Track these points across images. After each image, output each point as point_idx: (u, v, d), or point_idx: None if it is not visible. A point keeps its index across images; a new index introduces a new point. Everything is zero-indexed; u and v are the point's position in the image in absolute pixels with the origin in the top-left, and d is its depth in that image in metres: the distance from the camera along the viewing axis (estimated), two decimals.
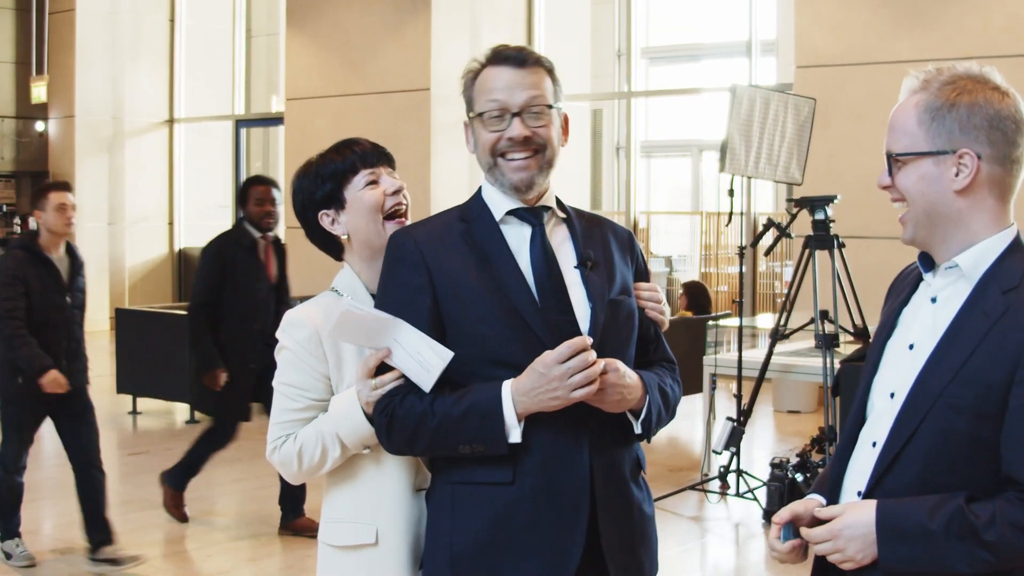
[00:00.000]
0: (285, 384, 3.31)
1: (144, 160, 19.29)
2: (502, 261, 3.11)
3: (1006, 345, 2.56)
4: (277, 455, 3.30)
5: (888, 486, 2.66)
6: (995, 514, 2.50)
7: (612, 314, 3.14)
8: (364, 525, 3.27)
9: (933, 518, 2.54)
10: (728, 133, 8.37)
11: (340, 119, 15.72)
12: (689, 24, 22.60)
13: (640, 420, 3.12)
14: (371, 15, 15.55)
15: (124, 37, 19.00)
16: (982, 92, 2.66)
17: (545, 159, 3.14)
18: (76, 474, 7.52)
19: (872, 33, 11.71)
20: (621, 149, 17.05)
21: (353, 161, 3.41)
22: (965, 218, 2.67)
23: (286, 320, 3.36)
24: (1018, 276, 2.63)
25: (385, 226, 3.37)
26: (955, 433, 2.58)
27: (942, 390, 2.60)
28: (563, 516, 3.02)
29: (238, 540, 8.12)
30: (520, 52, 3.17)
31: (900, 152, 2.70)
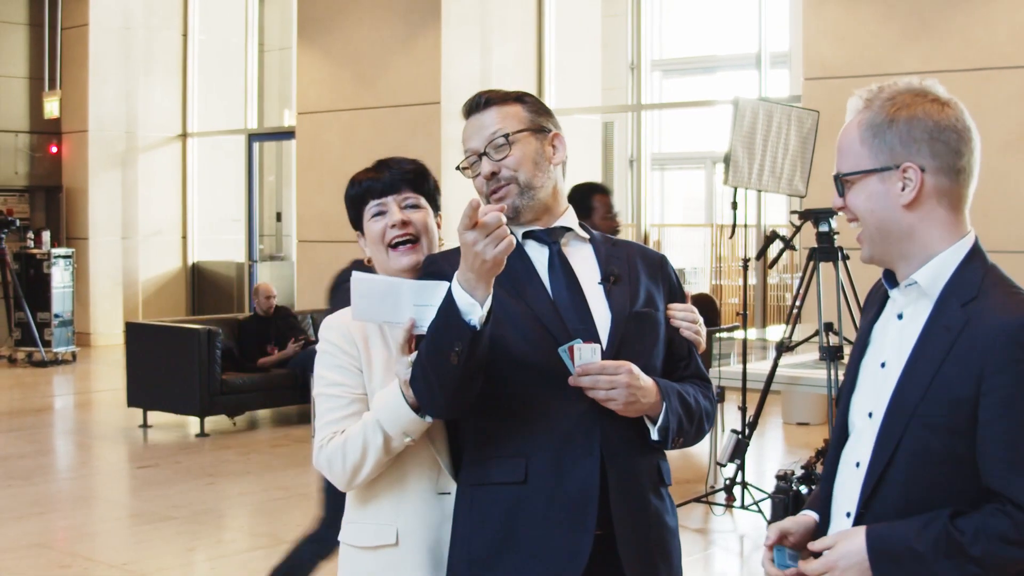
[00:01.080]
0: (328, 384, 3.34)
1: (157, 174, 19.35)
2: (524, 277, 3.21)
3: (970, 359, 2.56)
4: (323, 454, 3.28)
5: (876, 508, 2.68)
6: (978, 528, 2.52)
7: (634, 326, 3.20)
8: (385, 526, 3.30)
9: (920, 539, 2.55)
10: (731, 145, 8.39)
11: (351, 133, 15.76)
12: (704, 36, 22.59)
13: (657, 426, 3.15)
14: (382, 29, 15.60)
15: (137, 52, 19.07)
16: (921, 105, 2.68)
17: (520, 185, 3.24)
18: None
19: (879, 44, 11.72)
20: (633, 161, 17.06)
21: (363, 193, 3.49)
22: (917, 232, 2.68)
23: (323, 326, 3.42)
24: (976, 287, 2.64)
25: (390, 255, 3.43)
26: (932, 452, 2.60)
27: (914, 410, 2.62)
28: (571, 516, 3.07)
29: (246, 552, 8.16)
30: (479, 97, 3.35)
31: (847, 172, 2.73)
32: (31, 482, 9.97)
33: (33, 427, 12.59)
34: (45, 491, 9.74)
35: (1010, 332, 2.53)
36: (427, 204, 3.50)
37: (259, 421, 12.67)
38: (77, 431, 12.82)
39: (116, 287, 18.92)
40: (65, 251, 17.57)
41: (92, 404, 14.58)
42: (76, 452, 11.87)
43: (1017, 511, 2.51)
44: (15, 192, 18.96)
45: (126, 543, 8.34)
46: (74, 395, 15.35)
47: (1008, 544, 2.51)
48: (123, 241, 19.04)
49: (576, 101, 16.16)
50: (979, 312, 2.60)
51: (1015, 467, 2.52)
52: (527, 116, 3.29)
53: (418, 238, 3.44)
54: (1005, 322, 2.55)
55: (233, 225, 19.54)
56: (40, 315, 17.01)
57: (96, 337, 18.65)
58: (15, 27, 18.97)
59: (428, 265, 3.30)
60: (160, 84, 19.37)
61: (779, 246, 8.55)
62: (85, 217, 18.77)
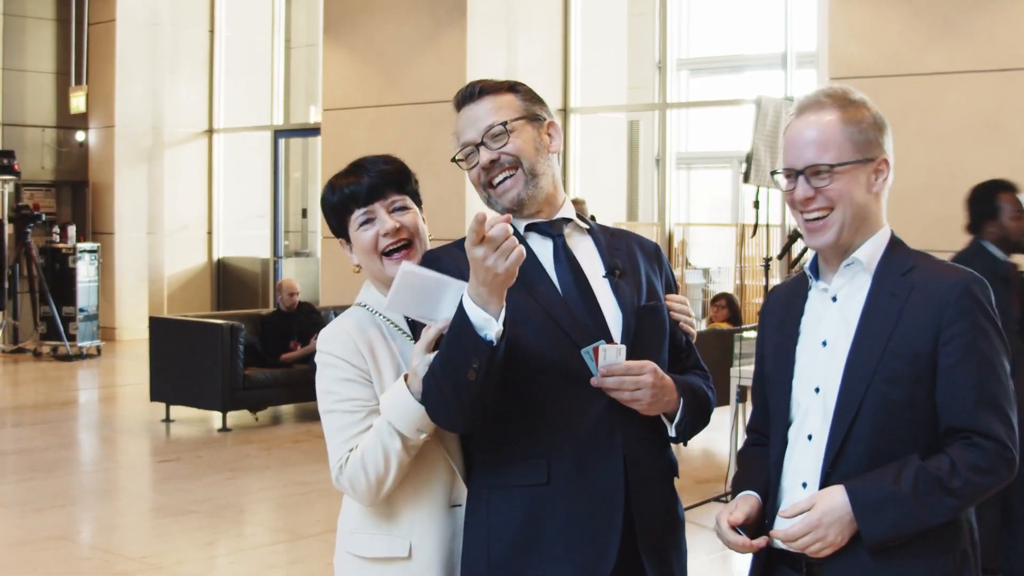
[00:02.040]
0: (339, 400, 3.24)
1: (183, 170, 19.41)
2: (531, 270, 3.14)
3: (923, 317, 2.90)
4: (344, 474, 3.18)
5: (842, 469, 2.91)
6: (953, 463, 2.82)
7: (643, 321, 3.19)
8: (398, 538, 3.24)
9: (899, 482, 2.81)
10: (753, 144, 8.38)
11: (376, 129, 15.77)
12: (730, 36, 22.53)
13: (675, 423, 3.16)
14: (407, 26, 15.61)
15: (164, 48, 19.14)
16: (872, 107, 3.04)
17: (524, 172, 3.20)
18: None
19: (905, 44, 11.67)
20: (659, 160, 17.02)
21: (346, 201, 3.36)
22: (875, 217, 3.04)
23: (322, 338, 3.32)
24: (909, 260, 3.01)
25: (384, 263, 3.33)
26: (894, 403, 2.89)
27: (875, 368, 2.90)
28: (598, 516, 3.05)
29: (266, 547, 8.17)
30: (470, 88, 3.29)
31: (835, 163, 2.97)
32: (54, 475, 10.01)
33: (57, 420, 12.64)
34: (67, 484, 9.78)
35: (962, 287, 2.89)
36: (413, 203, 3.41)
37: (281, 416, 12.70)
38: (100, 425, 12.87)
39: (141, 282, 18.98)
40: (91, 246, 17.63)
41: (116, 398, 14.63)
42: (99, 446, 11.91)
43: (985, 440, 2.83)
44: (42, 187, 19.03)
45: (146, 536, 8.36)
46: (98, 389, 15.40)
47: (982, 473, 2.82)
48: (149, 236, 19.09)
49: (602, 100, 16.14)
50: (923, 278, 2.95)
51: (980, 403, 2.85)
52: (521, 105, 3.26)
53: (412, 241, 3.35)
54: (954, 281, 2.91)
55: (258, 221, 19.58)
56: (65, 309, 17.08)
57: (121, 332, 18.71)
58: (43, 23, 19.04)
59: (428, 262, 3.22)
60: (187, 80, 19.43)
61: (802, 245, 8.52)
62: (111, 212, 18.83)
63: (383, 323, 3.33)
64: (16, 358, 17.18)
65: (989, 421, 2.85)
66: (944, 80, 11.37)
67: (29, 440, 11.50)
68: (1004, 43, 11.19)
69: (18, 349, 17.54)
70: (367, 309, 3.37)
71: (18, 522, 8.55)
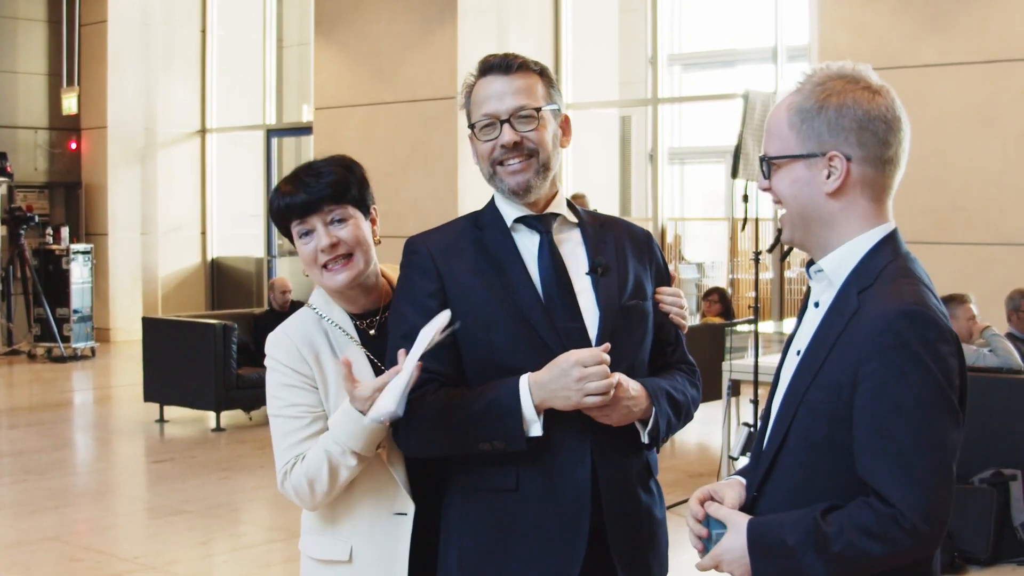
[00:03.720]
0: (284, 406, 3.25)
1: (176, 170, 19.40)
2: (512, 268, 3.14)
3: (851, 346, 2.54)
4: (289, 482, 3.21)
5: (767, 493, 2.68)
6: (844, 523, 2.48)
7: (622, 320, 3.16)
8: (340, 542, 3.28)
9: (793, 532, 2.51)
10: (741, 138, 8.38)
11: (368, 128, 15.77)
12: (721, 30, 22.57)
13: (647, 430, 3.14)
14: (399, 24, 15.61)
15: (156, 48, 19.12)
16: (852, 93, 2.62)
17: (539, 163, 3.16)
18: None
19: (896, 37, 11.68)
20: (652, 156, 17.03)
21: (281, 213, 3.32)
22: (837, 220, 2.64)
23: (268, 341, 3.34)
24: (874, 275, 2.60)
25: (323, 274, 3.29)
26: (816, 439, 2.58)
27: (803, 396, 2.60)
28: (565, 522, 3.05)
29: (259, 546, 8.17)
30: (505, 59, 3.21)
31: (773, 155, 2.68)
32: (47, 476, 10.00)
33: (50, 422, 12.63)
34: (61, 485, 9.77)
35: (887, 319, 2.49)
36: (355, 211, 3.31)
37: None
38: (94, 426, 12.86)
39: (135, 283, 18.97)
40: (84, 247, 17.62)
41: (110, 399, 14.62)
42: (93, 447, 11.91)
43: (880, 503, 2.46)
44: (34, 188, 18.99)
45: (140, 537, 8.36)
46: (92, 390, 15.40)
47: (870, 538, 2.45)
48: (142, 237, 19.08)
49: (593, 95, 16.15)
50: (869, 299, 2.56)
51: (881, 456, 2.47)
52: (546, 93, 3.22)
53: (351, 254, 3.28)
54: (884, 310, 2.50)
55: (252, 221, 19.58)
56: (59, 311, 17.07)
57: (115, 332, 18.69)
58: (34, 24, 19.01)
59: (410, 246, 3.22)
60: (179, 80, 19.42)
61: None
62: (104, 213, 18.82)
63: (330, 327, 3.33)
64: (10, 360, 17.17)
65: (887, 480, 2.46)
66: (935, 72, 11.38)
67: (23, 442, 11.49)
68: (994, 35, 11.20)
69: (12, 351, 17.53)
70: (315, 312, 3.36)
71: (12, 523, 8.55)
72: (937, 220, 11.22)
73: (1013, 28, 11.16)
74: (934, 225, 11.16)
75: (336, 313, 3.36)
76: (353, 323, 3.35)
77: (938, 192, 11.18)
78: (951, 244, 11.14)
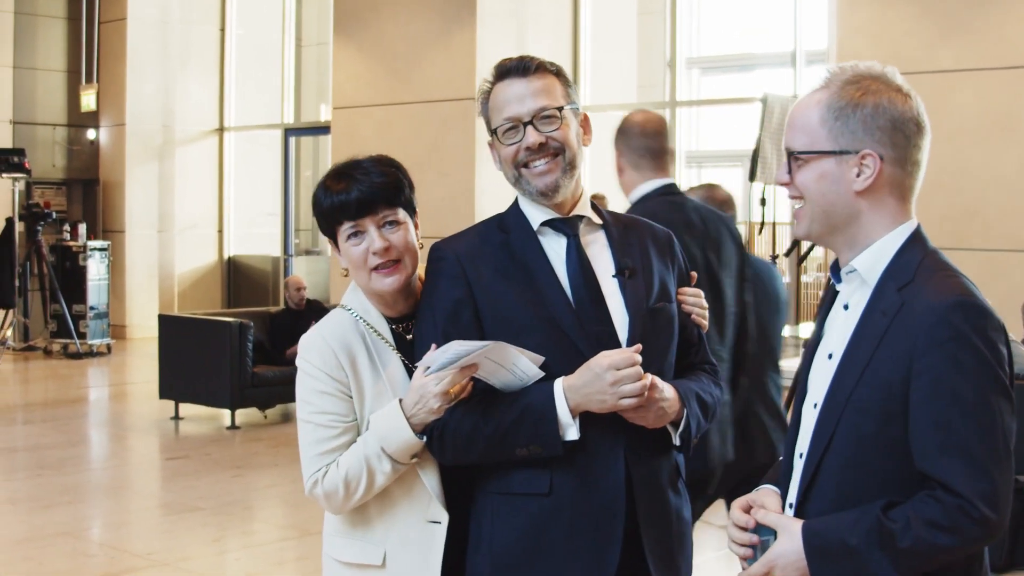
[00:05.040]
0: (315, 412, 3.21)
1: (194, 168, 19.42)
2: (541, 272, 3.14)
3: (901, 341, 2.54)
4: (320, 488, 3.17)
5: (814, 497, 2.66)
6: (910, 517, 2.48)
7: (651, 323, 3.16)
8: (373, 545, 3.24)
9: (854, 532, 2.51)
10: (759, 142, 8.37)
11: (386, 128, 15.76)
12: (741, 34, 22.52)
13: (679, 432, 3.15)
14: (417, 25, 15.60)
15: (175, 46, 19.14)
16: (886, 93, 2.63)
17: (566, 161, 3.16)
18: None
19: (914, 42, 11.64)
20: None
21: (334, 211, 3.24)
22: (863, 218, 2.66)
23: (301, 346, 3.28)
24: (912, 270, 2.61)
25: (372, 277, 3.24)
26: (866, 436, 2.58)
27: (849, 396, 2.60)
28: (600, 527, 3.05)
29: (272, 543, 8.17)
30: (522, 61, 3.21)
31: (801, 150, 2.68)
32: (62, 472, 10.02)
33: (66, 418, 12.66)
34: (75, 481, 9.79)
35: (939, 312, 2.51)
36: (405, 215, 3.28)
37: (290, 414, 12.68)
38: (109, 422, 12.88)
39: (152, 280, 18.99)
40: (101, 244, 17.65)
41: (125, 396, 14.64)
42: (108, 443, 11.92)
43: (947, 495, 2.47)
44: (52, 185, 19.03)
45: (154, 533, 8.37)
46: (108, 387, 15.42)
47: (939, 530, 2.46)
48: (159, 234, 19.11)
49: (611, 98, 16.12)
50: (913, 295, 2.57)
51: (944, 448, 2.48)
52: (565, 92, 3.22)
53: (400, 260, 3.23)
54: (935, 303, 2.52)
55: (269, 219, 19.58)
56: (76, 307, 17.10)
57: (131, 329, 18.71)
58: (53, 21, 19.06)
59: (436, 252, 3.22)
60: (197, 78, 19.44)
61: (810, 242, 8.52)
62: (122, 210, 18.85)
63: (366, 330, 3.28)
64: (27, 356, 17.20)
65: (953, 471, 2.47)
66: (953, 78, 11.34)
67: (39, 437, 11.52)
68: (1014, 40, 11.15)
69: (28, 347, 17.55)
70: (351, 314, 3.31)
71: (26, 518, 8.56)
72: (954, 226, 11.17)
73: None
74: (951, 231, 11.11)
75: (373, 316, 3.31)
76: (389, 327, 3.31)
77: (955, 198, 11.14)
78: (967, 250, 11.10)
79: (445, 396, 3.02)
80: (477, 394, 3.08)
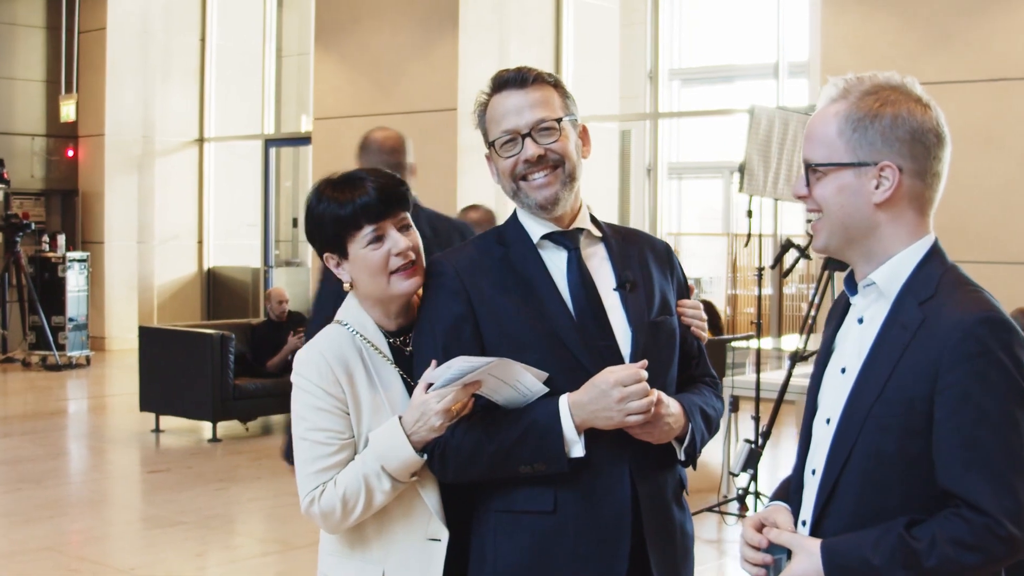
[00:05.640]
0: (311, 429, 3.14)
1: (174, 179, 19.34)
2: (542, 286, 3.11)
3: (925, 357, 2.49)
4: (317, 506, 3.10)
5: (831, 515, 2.61)
6: (935, 535, 2.43)
7: (653, 337, 3.13)
8: (370, 564, 3.18)
9: (876, 552, 2.46)
10: (747, 154, 8.34)
11: None
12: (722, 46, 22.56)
13: (683, 447, 3.12)
14: (399, 35, 15.57)
15: (155, 56, 19.07)
16: (905, 104, 2.60)
17: (565, 173, 3.12)
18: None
19: (898, 54, 11.65)
20: (650, 170, 17.02)
21: (356, 215, 3.15)
22: (883, 231, 2.62)
23: (299, 360, 3.20)
24: (933, 285, 2.58)
25: (392, 280, 3.17)
26: (886, 454, 2.53)
27: (868, 411, 2.55)
28: (606, 544, 3.01)
29: (255, 558, 8.12)
30: (519, 73, 3.17)
31: (819, 162, 2.63)
32: (42, 485, 9.95)
33: (45, 431, 12.57)
34: (55, 495, 9.72)
35: (965, 328, 2.46)
36: (412, 221, 3.26)
37: (272, 426, 12.63)
38: (89, 435, 12.80)
39: (131, 291, 18.90)
40: (80, 255, 17.57)
41: (105, 408, 14.56)
42: (88, 456, 11.84)
43: (973, 513, 2.42)
44: (31, 195, 18.93)
45: (135, 547, 8.31)
46: (87, 399, 15.34)
47: (965, 549, 2.42)
48: (139, 245, 19.02)
49: (594, 109, 16.10)
50: (936, 310, 2.53)
51: (971, 466, 2.44)
52: (563, 103, 3.18)
53: (416, 261, 3.19)
54: (960, 318, 2.48)
55: (249, 230, 19.52)
56: (54, 319, 17.01)
57: (111, 341, 18.62)
58: (32, 30, 18.97)
59: (436, 267, 3.18)
60: (178, 88, 19.36)
61: (795, 255, 8.50)
62: (101, 221, 18.77)
63: (364, 345, 3.21)
64: (5, 368, 17.11)
65: (979, 489, 2.42)
66: (937, 90, 11.21)
67: (18, 450, 11.43)
68: (998, 52, 11.16)
69: (7, 359, 17.47)
70: (348, 328, 3.24)
71: (6, 533, 8.48)
72: (940, 238, 11.16)
73: (1017, 46, 11.13)
74: None
75: (370, 330, 3.24)
76: (387, 341, 3.25)
77: (941, 210, 10.98)
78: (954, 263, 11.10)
79: (447, 413, 2.97)
80: (479, 411, 3.04)
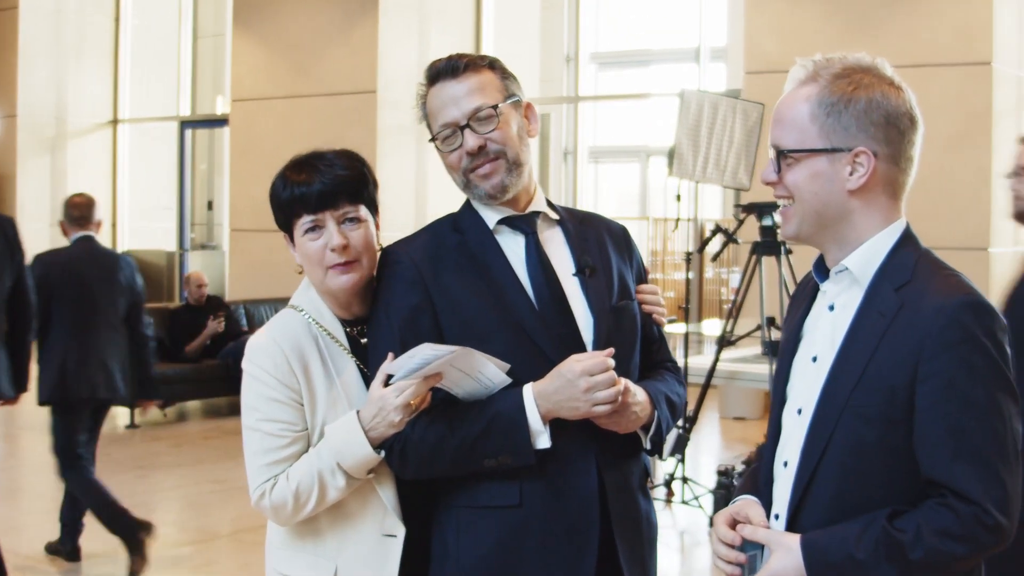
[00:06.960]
0: (263, 420, 3.03)
1: (87, 161, 19.04)
2: (501, 273, 3.03)
3: (905, 343, 2.43)
4: (268, 500, 3.00)
5: (808, 508, 2.54)
6: (920, 527, 2.38)
7: (615, 322, 3.07)
8: (322, 559, 3.08)
9: (859, 546, 2.40)
10: (676, 138, 8.31)
11: (286, 121, 15.59)
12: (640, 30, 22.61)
13: (649, 436, 3.06)
14: (318, 17, 15.45)
15: (68, 36, 18.76)
16: (879, 87, 2.52)
17: (509, 161, 3.04)
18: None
19: (823, 40, 11.67)
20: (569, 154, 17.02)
21: (293, 202, 3.08)
22: (856, 217, 2.55)
23: (249, 348, 3.09)
24: (909, 271, 2.51)
25: (327, 274, 3.07)
26: (866, 444, 2.46)
27: (846, 401, 2.48)
28: (574, 536, 2.95)
29: (177, 547, 7.99)
30: (451, 62, 3.09)
31: (791, 148, 2.55)
32: None
33: None
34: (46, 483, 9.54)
35: (948, 314, 2.40)
36: (367, 213, 3.13)
37: (189, 413, 12.48)
38: (3, 422, 12.55)
39: None
40: None
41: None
42: (2, 444, 11.62)
43: (960, 502, 2.37)
44: None
45: (52, 536, 8.13)
46: None
47: (953, 539, 2.37)
48: (51, 228, 18.70)
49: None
50: (914, 295, 2.47)
51: (958, 455, 2.38)
52: (501, 84, 3.09)
53: (359, 260, 3.07)
54: (942, 304, 2.41)
55: (164, 213, 19.30)
56: None
57: None
58: None
59: (391, 256, 3.09)
60: (91, 69, 19.06)
61: (721, 239, 8.50)
62: (13, 203, 18.42)
63: (319, 333, 3.12)
64: None
65: (967, 478, 2.37)
66: None
67: None
68: (921, 39, 11.24)
69: None
70: (303, 315, 3.14)
71: None
72: None
73: (939, 33, 11.21)
74: None
75: (326, 318, 3.14)
76: (344, 329, 3.15)
77: None
78: None
79: (407, 408, 2.87)
80: (438, 404, 2.95)
